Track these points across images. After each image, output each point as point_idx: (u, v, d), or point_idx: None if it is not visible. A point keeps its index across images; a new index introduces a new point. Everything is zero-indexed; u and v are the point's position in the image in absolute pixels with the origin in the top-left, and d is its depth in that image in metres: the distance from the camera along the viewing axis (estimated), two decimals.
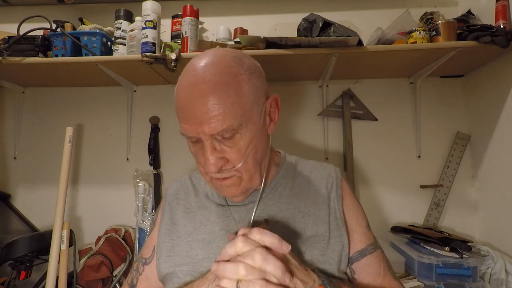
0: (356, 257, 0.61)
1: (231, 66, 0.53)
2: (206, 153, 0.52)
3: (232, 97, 0.51)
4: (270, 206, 0.62)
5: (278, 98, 0.61)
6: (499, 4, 1.00)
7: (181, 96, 0.53)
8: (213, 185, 0.59)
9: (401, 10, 1.18)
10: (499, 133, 1.09)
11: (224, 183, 0.56)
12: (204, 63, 0.53)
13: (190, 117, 0.52)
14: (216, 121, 0.50)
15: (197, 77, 0.52)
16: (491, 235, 1.15)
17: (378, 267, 0.62)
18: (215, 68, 0.52)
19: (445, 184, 1.24)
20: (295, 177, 0.67)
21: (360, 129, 1.30)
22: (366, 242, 0.63)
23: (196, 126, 0.51)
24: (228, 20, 1.38)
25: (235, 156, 0.53)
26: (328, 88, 1.32)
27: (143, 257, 0.67)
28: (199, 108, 0.50)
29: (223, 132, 0.51)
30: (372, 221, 0.72)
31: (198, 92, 0.51)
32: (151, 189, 1.32)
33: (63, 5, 1.41)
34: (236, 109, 0.51)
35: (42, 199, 1.38)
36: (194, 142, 0.56)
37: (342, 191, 0.66)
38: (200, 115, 0.50)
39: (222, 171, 0.54)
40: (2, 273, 1.22)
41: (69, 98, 1.43)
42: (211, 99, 0.50)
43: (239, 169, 0.54)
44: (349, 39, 0.97)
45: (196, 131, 0.52)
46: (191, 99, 0.51)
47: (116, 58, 1.13)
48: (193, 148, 0.57)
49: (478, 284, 0.95)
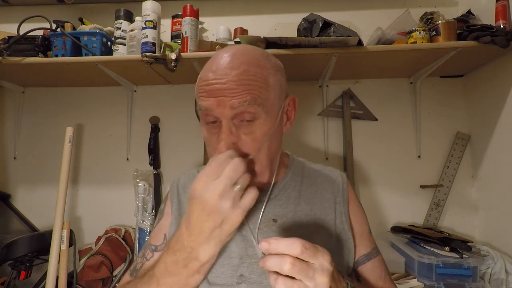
0: (362, 260, 0.62)
1: (259, 59, 0.55)
2: (221, 134, 0.51)
3: (259, 81, 0.52)
4: (278, 207, 0.62)
5: (296, 99, 0.63)
6: (499, 4, 1.00)
7: (208, 72, 0.53)
8: None
9: (401, 10, 1.18)
10: (499, 133, 1.09)
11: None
12: (233, 51, 0.54)
13: (216, 90, 0.51)
14: (241, 95, 0.50)
15: (228, 59, 0.53)
16: (491, 235, 1.15)
17: (381, 271, 0.63)
18: (245, 57, 0.54)
19: (445, 184, 1.24)
20: (303, 180, 0.67)
21: (360, 129, 1.30)
22: (370, 246, 0.65)
23: (220, 99, 0.51)
24: (228, 20, 1.38)
25: (250, 144, 0.53)
26: (328, 88, 1.32)
27: (152, 244, 0.65)
28: (227, 80, 0.51)
29: (243, 107, 0.51)
30: (372, 221, 0.72)
31: (229, 67, 0.52)
32: (151, 189, 1.32)
33: (63, 5, 1.41)
34: (261, 92, 0.52)
35: (42, 199, 1.38)
36: (210, 124, 0.54)
37: (348, 196, 0.67)
38: (227, 87, 0.50)
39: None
40: (2, 273, 1.22)
41: (69, 98, 1.43)
42: (241, 73, 0.51)
43: (252, 159, 0.54)
44: (349, 39, 0.97)
45: (218, 105, 0.51)
46: (220, 73, 0.51)
47: (116, 58, 1.13)
48: (207, 132, 0.55)
49: (478, 284, 0.95)
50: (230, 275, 0.55)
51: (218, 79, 0.51)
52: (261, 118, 0.53)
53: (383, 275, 0.63)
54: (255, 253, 0.57)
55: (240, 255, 0.57)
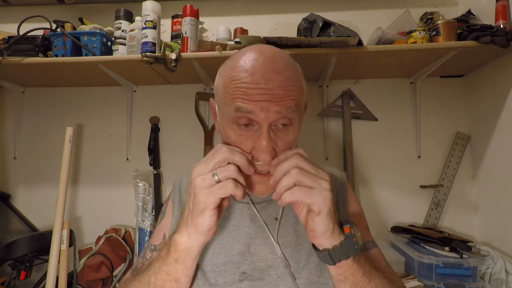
0: None
1: (294, 64, 0.55)
2: (262, 140, 0.49)
3: (298, 87, 0.52)
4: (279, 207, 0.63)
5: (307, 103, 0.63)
6: (499, 4, 1.00)
7: (244, 73, 0.50)
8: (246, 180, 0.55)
9: (401, 10, 1.18)
10: (499, 133, 1.09)
11: (263, 179, 0.54)
12: (271, 54, 0.52)
13: (259, 94, 0.48)
14: (288, 104, 0.50)
15: (269, 62, 0.50)
16: (491, 235, 1.15)
17: (378, 263, 0.62)
18: (285, 62, 0.52)
19: (445, 184, 1.24)
20: None
21: (360, 129, 1.30)
22: (365, 239, 0.64)
23: (264, 104, 0.48)
24: (228, 20, 1.38)
25: (284, 146, 0.52)
26: (328, 88, 1.32)
27: (151, 244, 0.66)
28: (277, 82, 0.49)
29: (288, 120, 0.51)
30: (372, 221, 0.72)
31: (273, 71, 0.49)
32: (151, 189, 1.32)
33: (63, 5, 1.41)
34: (299, 98, 0.52)
35: (42, 199, 1.38)
36: (241, 126, 0.51)
37: (347, 194, 0.68)
38: (276, 92, 0.49)
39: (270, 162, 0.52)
40: (2, 273, 1.22)
41: (69, 98, 1.43)
42: (289, 75, 0.50)
43: None
44: (349, 39, 0.97)
45: (261, 110, 0.48)
46: (263, 77, 0.49)
47: (116, 58, 1.13)
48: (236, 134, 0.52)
49: (478, 284, 0.95)
50: (232, 273, 0.56)
51: (261, 83, 0.49)
52: (294, 124, 0.53)
53: (383, 265, 0.62)
54: (257, 251, 0.58)
55: (242, 253, 0.58)
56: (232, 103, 0.50)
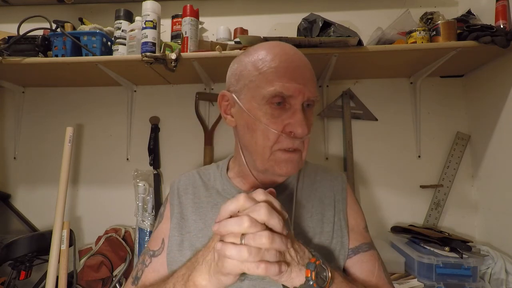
0: (348, 254, 0.62)
1: None
2: (298, 115, 0.56)
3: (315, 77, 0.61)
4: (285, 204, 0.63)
5: None
6: (499, 4, 1.00)
7: (284, 57, 0.57)
8: (275, 160, 0.58)
9: (401, 10, 1.18)
10: (499, 133, 1.09)
11: (291, 157, 0.58)
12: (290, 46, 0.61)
13: (297, 76, 0.56)
14: (313, 86, 0.58)
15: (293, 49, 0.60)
16: (491, 235, 1.15)
17: (372, 266, 0.62)
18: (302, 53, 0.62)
19: (445, 184, 1.24)
20: (304, 178, 0.69)
21: (360, 129, 1.30)
22: (360, 241, 0.64)
23: (301, 86, 0.56)
24: (228, 20, 1.38)
25: (310, 126, 0.59)
26: (328, 88, 1.32)
27: (150, 249, 0.66)
28: (305, 71, 0.58)
29: (314, 98, 0.58)
30: (372, 221, 0.72)
31: (301, 59, 0.59)
32: (151, 189, 1.32)
33: (63, 5, 1.41)
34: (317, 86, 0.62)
35: (42, 199, 1.38)
36: (275, 104, 0.56)
37: (347, 195, 0.68)
38: (306, 77, 0.57)
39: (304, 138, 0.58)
40: (2, 273, 1.22)
41: (69, 98, 1.43)
42: (310, 69, 0.59)
43: (305, 141, 0.60)
44: (349, 39, 0.97)
45: (299, 90, 0.56)
46: (297, 63, 0.58)
47: (116, 58, 1.13)
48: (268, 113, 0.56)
49: (478, 284, 0.95)
50: None
51: (299, 68, 0.57)
52: (314, 108, 0.61)
53: (375, 272, 0.61)
54: None
55: None
56: (269, 85, 0.55)
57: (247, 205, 0.45)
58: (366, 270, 0.61)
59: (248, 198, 0.46)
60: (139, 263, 0.66)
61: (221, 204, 0.64)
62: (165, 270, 0.63)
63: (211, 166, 0.75)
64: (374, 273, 0.61)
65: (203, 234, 0.62)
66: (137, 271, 0.65)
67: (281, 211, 0.47)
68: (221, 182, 0.69)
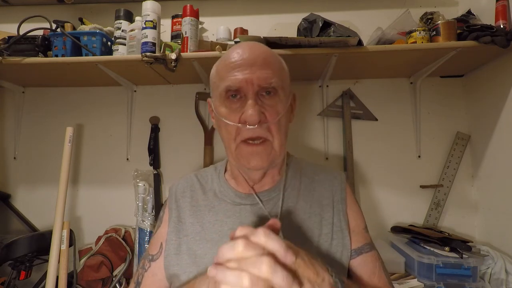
0: (352, 255, 0.62)
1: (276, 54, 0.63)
2: (248, 105, 0.56)
3: (278, 68, 0.61)
4: (278, 207, 0.63)
5: (296, 96, 0.68)
6: (499, 4, 1.00)
7: (236, 52, 0.59)
8: (240, 154, 0.59)
9: (401, 10, 1.18)
10: (499, 133, 1.09)
11: (256, 149, 0.57)
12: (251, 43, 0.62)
13: (245, 67, 0.57)
14: (267, 74, 0.57)
15: (251, 44, 0.61)
16: (491, 235, 1.15)
17: (373, 267, 0.62)
18: (266, 48, 0.62)
19: (445, 184, 1.24)
20: (302, 178, 0.69)
21: (360, 129, 1.30)
22: (362, 241, 0.64)
23: (248, 75, 0.56)
24: (228, 20, 1.38)
25: (272, 114, 0.58)
26: (328, 88, 1.32)
27: (149, 253, 0.67)
28: (256, 60, 0.58)
29: (268, 84, 0.57)
30: (372, 221, 0.72)
31: (256, 49, 0.60)
32: (151, 189, 1.32)
33: (63, 5, 1.41)
34: (281, 74, 0.60)
35: (42, 199, 1.38)
36: (231, 99, 0.58)
37: (346, 194, 0.67)
38: (256, 66, 0.57)
39: (260, 125, 0.56)
40: (2, 273, 1.22)
41: (69, 98, 1.43)
42: (266, 58, 0.59)
43: (272, 130, 0.58)
44: (349, 39, 0.97)
45: (246, 80, 0.56)
46: (249, 53, 0.58)
47: (116, 58, 1.13)
48: (227, 107, 0.59)
49: (478, 284, 0.95)
50: None
51: (249, 58, 0.58)
52: (280, 95, 0.59)
53: (376, 271, 0.62)
54: None
55: None
56: (223, 82, 0.58)
57: (247, 254, 0.40)
58: (369, 271, 0.61)
59: (248, 246, 0.40)
60: (140, 267, 0.67)
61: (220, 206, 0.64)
62: (162, 273, 0.63)
63: (209, 168, 0.76)
64: (376, 274, 0.61)
65: (200, 237, 0.62)
66: (138, 276, 0.66)
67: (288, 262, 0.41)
68: (218, 184, 0.69)
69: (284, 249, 0.41)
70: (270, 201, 0.64)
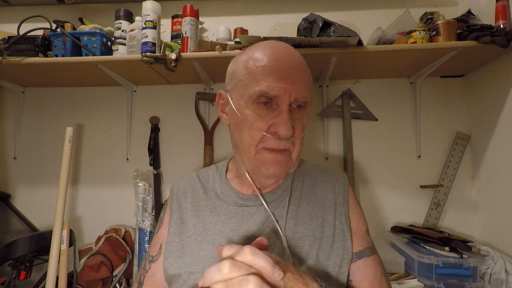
0: (353, 258, 0.61)
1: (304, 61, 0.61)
2: (283, 116, 0.55)
3: (310, 77, 0.60)
4: (280, 208, 0.63)
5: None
6: (499, 4, 1.00)
7: (273, 57, 0.56)
8: (260, 160, 0.57)
9: (401, 10, 1.18)
10: (499, 133, 1.09)
11: (277, 157, 0.57)
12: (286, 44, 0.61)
13: (285, 76, 0.55)
14: (304, 87, 0.56)
15: (284, 46, 0.59)
16: (491, 235, 1.15)
17: (375, 271, 0.61)
18: (297, 52, 0.60)
19: (445, 184, 1.24)
20: (304, 180, 0.68)
21: (360, 129, 1.30)
22: (364, 245, 0.63)
23: (287, 86, 0.54)
24: (228, 20, 1.38)
25: (299, 128, 0.57)
26: (328, 88, 1.32)
27: (150, 255, 0.67)
28: (295, 71, 0.56)
29: (303, 99, 0.56)
30: (372, 221, 0.72)
31: (292, 59, 0.57)
32: (151, 189, 1.32)
33: (63, 5, 1.41)
34: (310, 87, 0.59)
35: (42, 199, 1.38)
36: (262, 104, 0.56)
37: (348, 197, 0.67)
38: (295, 77, 0.55)
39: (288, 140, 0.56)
40: (2, 273, 1.22)
41: (69, 98, 1.43)
42: (303, 68, 0.58)
43: (295, 142, 0.58)
44: (349, 39, 0.97)
45: (285, 90, 0.54)
46: (287, 62, 0.56)
47: (116, 58, 1.13)
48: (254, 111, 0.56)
49: (478, 284, 0.95)
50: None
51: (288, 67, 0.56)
52: (307, 108, 0.59)
53: (378, 276, 0.61)
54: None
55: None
56: (255, 85, 0.55)
57: (233, 274, 0.39)
58: (370, 275, 0.61)
59: (234, 266, 0.40)
60: (141, 268, 0.67)
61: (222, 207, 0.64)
62: (161, 275, 0.63)
63: (211, 168, 0.75)
64: (377, 278, 0.61)
65: (202, 238, 0.62)
66: (140, 276, 0.66)
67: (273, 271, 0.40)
68: (220, 184, 0.68)
69: (271, 266, 0.41)
70: (273, 202, 0.64)
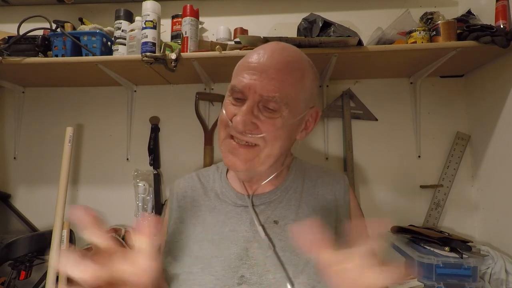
0: None
1: (304, 63, 0.60)
2: (243, 108, 0.55)
3: (294, 81, 0.57)
4: (279, 208, 0.63)
5: (319, 113, 0.65)
6: (499, 4, 1.00)
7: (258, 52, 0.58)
8: (224, 147, 0.59)
9: (401, 10, 1.18)
10: (499, 133, 1.09)
11: (238, 149, 0.57)
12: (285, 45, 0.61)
13: (256, 72, 0.55)
14: (273, 86, 0.54)
15: (277, 47, 0.59)
16: (491, 235, 1.15)
17: None
18: (293, 54, 0.59)
19: (445, 184, 1.24)
20: (304, 181, 0.68)
21: (360, 129, 1.30)
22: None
23: (254, 82, 0.55)
24: (228, 20, 1.38)
25: (267, 127, 0.56)
26: (328, 88, 1.32)
27: None
28: (271, 68, 0.55)
29: (270, 99, 0.55)
30: None
31: (277, 56, 0.57)
32: (151, 189, 1.32)
33: (63, 5, 1.41)
34: (291, 91, 0.56)
35: (42, 199, 1.38)
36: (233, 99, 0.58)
37: (349, 198, 0.67)
38: (267, 74, 0.55)
39: (245, 134, 0.56)
40: (2, 273, 1.22)
41: (69, 98, 1.43)
42: (287, 69, 0.56)
43: (266, 138, 0.56)
44: (349, 39, 0.97)
45: (250, 85, 0.55)
46: (268, 58, 0.56)
47: (116, 58, 1.13)
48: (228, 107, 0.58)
49: (478, 284, 0.95)
50: (230, 276, 0.56)
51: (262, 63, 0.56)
52: (283, 112, 0.56)
53: None
54: (255, 254, 0.58)
55: (240, 256, 0.57)
56: (233, 79, 0.59)
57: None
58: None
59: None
60: None
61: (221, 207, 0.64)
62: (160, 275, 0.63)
63: (211, 168, 0.75)
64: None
65: (201, 237, 0.62)
66: None
67: None
68: (220, 184, 0.68)
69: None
70: (272, 203, 0.64)
